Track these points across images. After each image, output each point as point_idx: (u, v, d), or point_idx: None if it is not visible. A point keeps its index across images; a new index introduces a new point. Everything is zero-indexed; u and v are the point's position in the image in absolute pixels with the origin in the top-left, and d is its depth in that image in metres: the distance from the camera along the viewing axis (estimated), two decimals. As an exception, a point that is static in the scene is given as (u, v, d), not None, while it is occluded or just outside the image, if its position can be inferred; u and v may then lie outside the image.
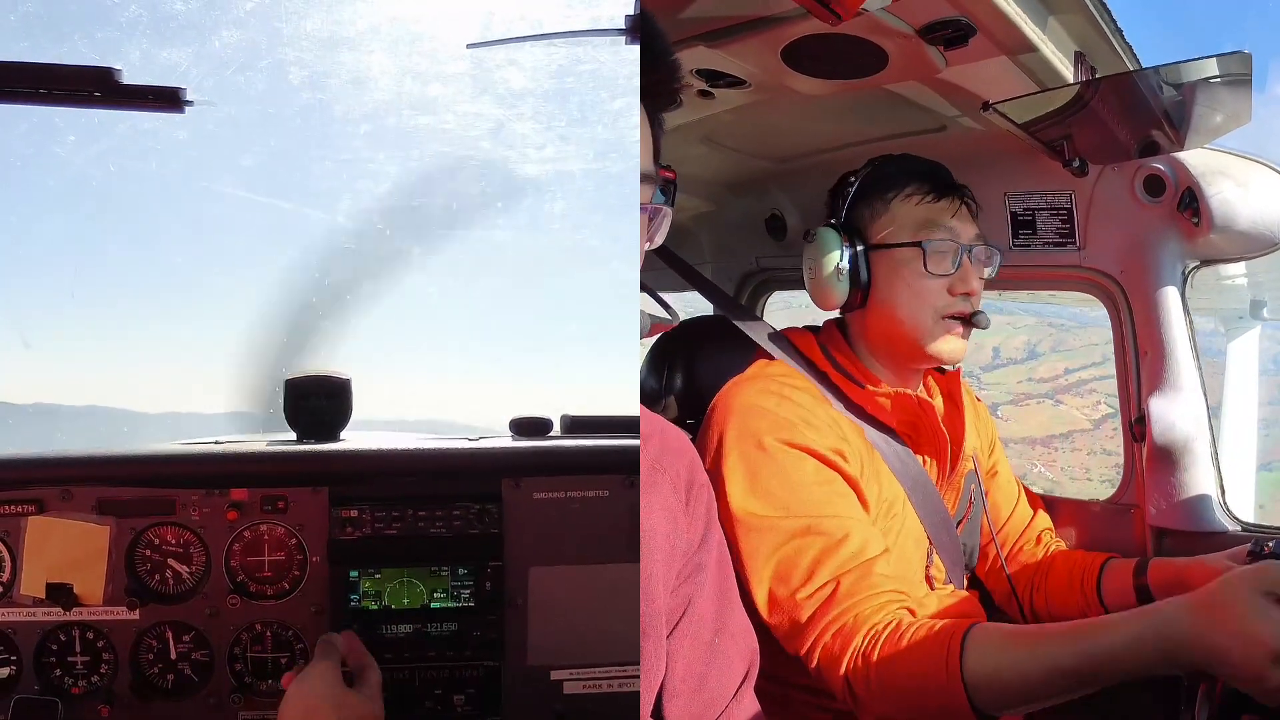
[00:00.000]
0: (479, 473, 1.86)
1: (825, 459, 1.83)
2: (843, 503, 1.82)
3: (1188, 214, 2.03)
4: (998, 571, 2.22)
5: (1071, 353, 12.14)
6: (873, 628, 1.68)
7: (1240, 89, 1.71)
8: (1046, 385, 15.98)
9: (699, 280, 2.43)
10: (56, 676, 1.78)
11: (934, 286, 1.93)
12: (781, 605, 1.75)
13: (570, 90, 2.40)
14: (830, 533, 1.76)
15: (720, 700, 1.36)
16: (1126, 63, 1.87)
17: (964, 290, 1.94)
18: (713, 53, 1.88)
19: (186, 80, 1.70)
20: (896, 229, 1.96)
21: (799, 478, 1.81)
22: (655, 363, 2.45)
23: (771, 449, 1.82)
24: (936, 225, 1.94)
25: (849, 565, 1.73)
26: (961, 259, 1.94)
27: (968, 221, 1.98)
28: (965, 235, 1.96)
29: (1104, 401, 11.60)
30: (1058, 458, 13.41)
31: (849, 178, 2.04)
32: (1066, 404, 15.22)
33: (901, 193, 1.97)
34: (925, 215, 1.95)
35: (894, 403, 1.95)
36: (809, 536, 1.76)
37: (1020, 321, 16.61)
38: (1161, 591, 2.01)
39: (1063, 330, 12.42)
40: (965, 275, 1.94)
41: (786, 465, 1.81)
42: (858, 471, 1.87)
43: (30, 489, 1.76)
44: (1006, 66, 1.81)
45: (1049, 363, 11.69)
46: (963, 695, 1.54)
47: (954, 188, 1.99)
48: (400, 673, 1.82)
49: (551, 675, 1.86)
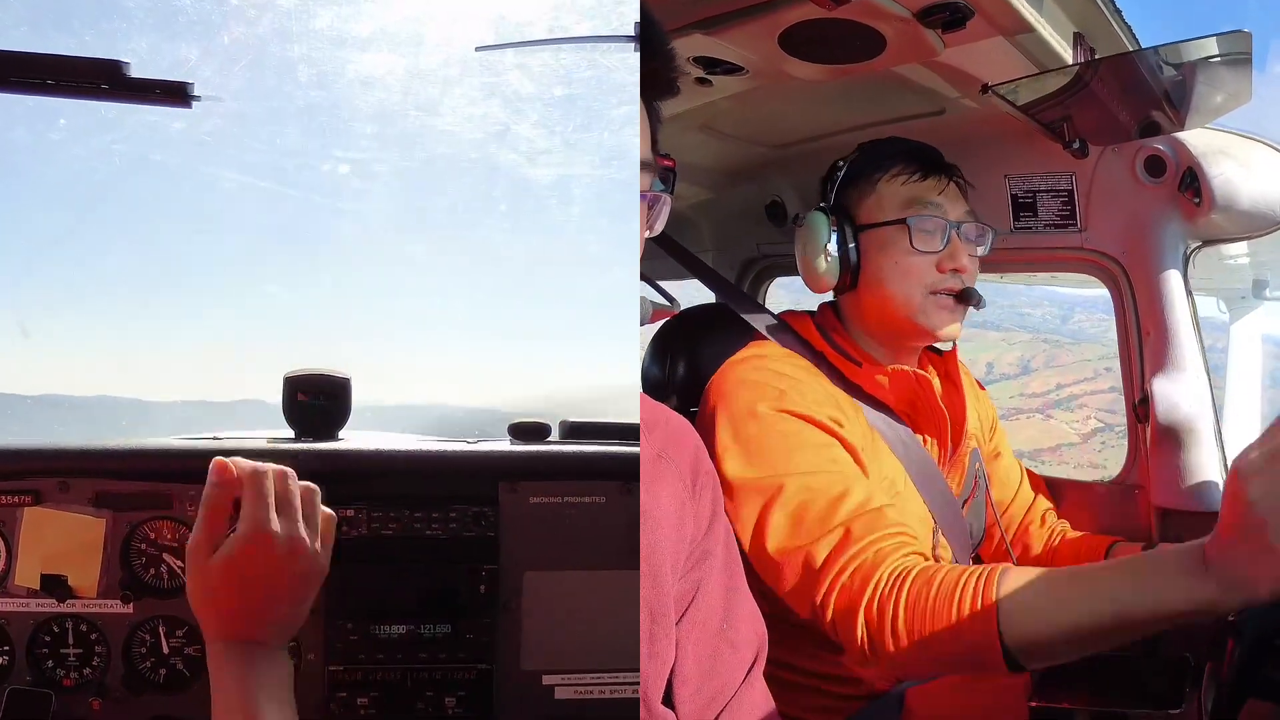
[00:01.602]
0: (476, 476, 1.86)
1: (822, 424, 1.82)
2: (843, 461, 1.81)
3: (1189, 194, 2.02)
4: (1003, 553, 2.21)
5: (1064, 368, 12.23)
6: (895, 570, 1.62)
7: (1240, 68, 1.70)
8: (1038, 400, 16.03)
9: (700, 268, 2.43)
10: (49, 668, 1.79)
11: (922, 263, 1.92)
12: (791, 558, 1.71)
13: (578, 95, 2.40)
14: (831, 487, 1.74)
15: (730, 686, 1.36)
16: (1126, 43, 1.86)
17: (953, 266, 1.93)
18: (710, 40, 1.87)
19: (194, 75, 1.71)
20: (883, 209, 1.95)
21: (796, 441, 1.79)
22: (658, 352, 2.46)
23: (766, 416, 1.81)
24: (923, 203, 1.93)
25: (858, 512, 1.70)
26: (950, 236, 1.93)
27: (956, 199, 1.97)
28: (953, 212, 1.95)
29: (1094, 416, 11.65)
30: (1043, 471, 13.57)
31: (838, 163, 2.04)
32: (1056, 418, 15.28)
33: (888, 173, 1.97)
34: (911, 193, 1.94)
35: (892, 380, 1.95)
36: (812, 493, 1.73)
37: (1015, 337, 16.67)
38: None
39: (1056, 346, 12.53)
40: (954, 252, 1.93)
41: (782, 429, 1.80)
42: (857, 443, 1.86)
43: (28, 480, 1.76)
44: (1005, 49, 1.80)
45: (1042, 377, 11.77)
46: (997, 642, 1.46)
47: (941, 166, 1.99)
48: (393, 673, 1.83)
49: (544, 680, 1.86)
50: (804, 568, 1.70)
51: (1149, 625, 1.35)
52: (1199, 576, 1.26)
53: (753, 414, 1.82)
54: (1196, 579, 1.26)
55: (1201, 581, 1.26)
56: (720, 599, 1.37)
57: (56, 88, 1.65)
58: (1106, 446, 9.38)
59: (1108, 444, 10.17)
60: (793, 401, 1.83)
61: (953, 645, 1.53)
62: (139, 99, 1.69)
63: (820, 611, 1.68)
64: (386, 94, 2.43)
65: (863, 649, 1.63)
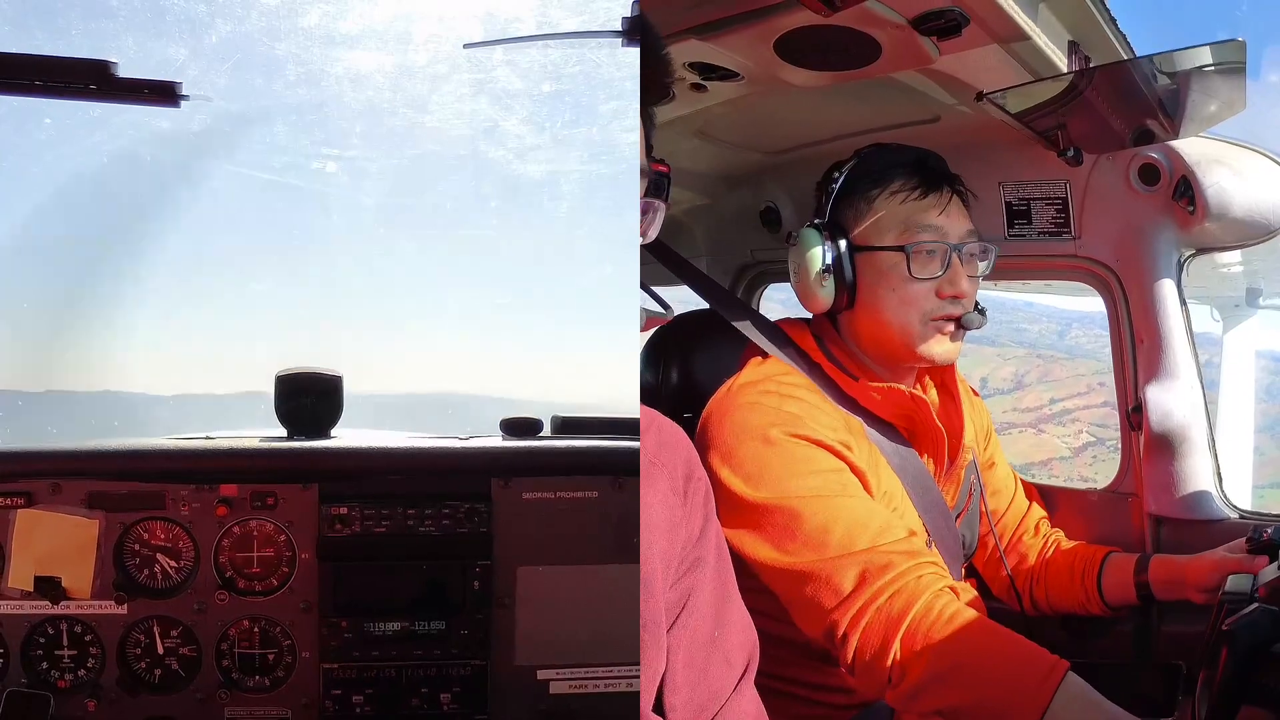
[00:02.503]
0: (469, 472, 1.87)
1: (834, 450, 1.81)
2: (854, 486, 1.81)
3: (1183, 202, 2.03)
4: (997, 561, 2.21)
5: (1058, 383, 12.28)
6: (945, 605, 1.64)
7: (1235, 77, 1.70)
8: (1030, 415, 16.08)
9: (692, 274, 2.42)
10: (44, 670, 1.78)
11: (921, 290, 1.88)
12: (811, 579, 1.70)
13: (565, 91, 2.40)
14: (852, 511, 1.74)
15: (721, 694, 1.36)
16: (1120, 51, 1.86)
17: (952, 293, 1.89)
18: (705, 45, 1.87)
19: (182, 74, 1.71)
20: (880, 230, 1.90)
21: (809, 466, 1.78)
22: (651, 358, 2.45)
23: (779, 441, 1.79)
24: (922, 226, 1.88)
25: (883, 537, 1.71)
26: (950, 259, 1.88)
27: (958, 217, 1.92)
28: (954, 233, 1.90)
29: (1086, 430, 11.71)
30: (1034, 483, 13.68)
31: (834, 172, 1.98)
32: (1048, 433, 15.33)
33: (886, 189, 1.91)
34: (910, 214, 1.89)
35: (887, 397, 1.93)
36: (832, 515, 1.73)
37: (1010, 353, 16.71)
38: (1162, 589, 2.01)
39: (1050, 361, 12.58)
40: (954, 277, 1.89)
41: (796, 455, 1.78)
42: (863, 465, 1.86)
43: (20, 481, 1.76)
44: (1000, 56, 1.80)
45: (1035, 393, 11.81)
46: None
47: (943, 178, 1.93)
48: (388, 670, 1.82)
49: (538, 675, 1.86)
50: (827, 588, 1.69)
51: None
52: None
53: (766, 439, 1.79)
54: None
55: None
56: (712, 607, 1.37)
57: (45, 89, 1.65)
58: (1098, 460, 9.46)
59: (1099, 458, 10.25)
60: (807, 427, 1.81)
61: (992, 698, 1.57)
62: (127, 99, 1.69)
63: (845, 630, 1.68)
64: (375, 92, 2.43)
65: (890, 670, 1.64)
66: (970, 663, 1.61)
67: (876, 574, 1.67)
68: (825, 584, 1.70)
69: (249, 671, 1.83)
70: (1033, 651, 1.60)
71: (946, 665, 1.61)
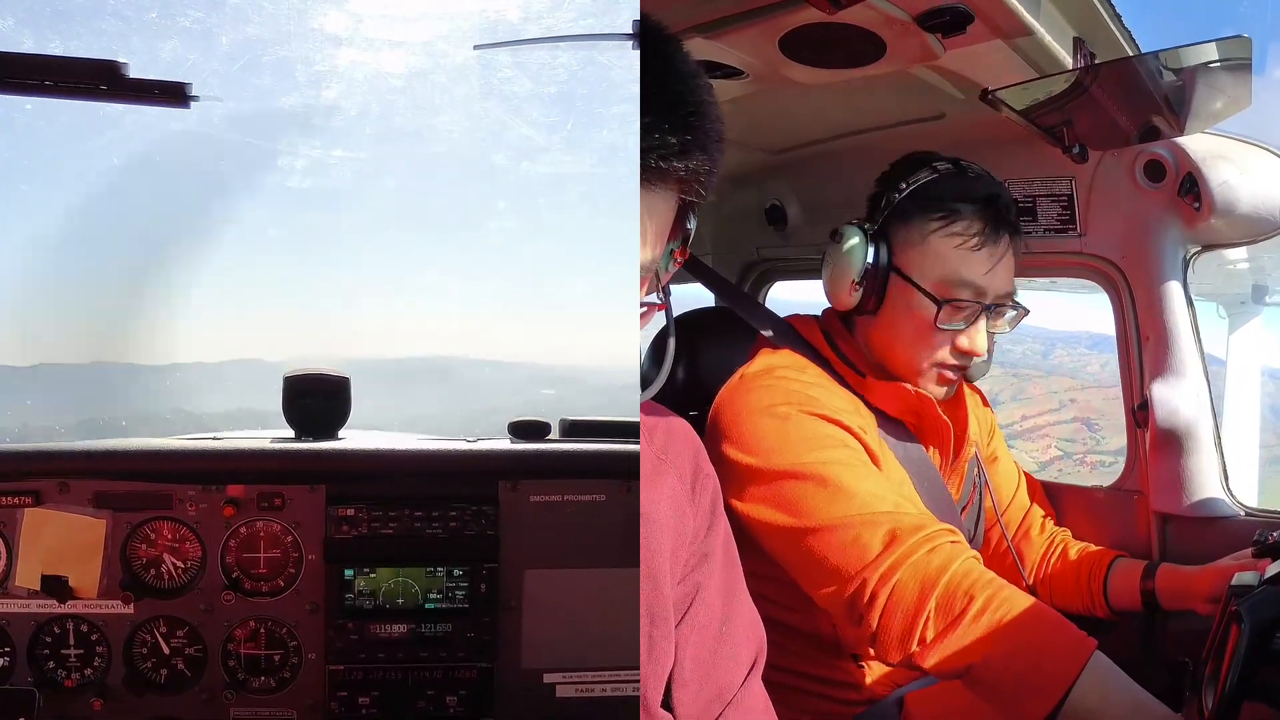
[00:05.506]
0: (476, 474, 1.87)
1: (849, 428, 1.81)
2: (871, 467, 1.80)
3: (1189, 199, 2.02)
4: (1001, 554, 2.21)
5: (1030, 401, 12.31)
6: (986, 577, 1.63)
7: (1240, 73, 1.70)
8: (1002, 432, 16.11)
9: (700, 270, 2.42)
10: (50, 668, 1.79)
11: (939, 339, 1.88)
12: (839, 535, 1.67)
13: (575, 94, 2.40)
14: (874, 480, 1.74)
15: (729, 688, 1.36)
16: (1125, 47, 1.86)
17: (969, 349, 1.89)
18: (710, 43, 1.87)
19: (192, 75, 1.72)
20: (924, 268, 1.87)
21: (826, 440, 1.77)
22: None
23: (794, 416, 1.78)
24: (963, 283, 1.85)
25: (902, 508, 1.71)
26: (979, 317, 1.88)
27: (1004, 276, 1.88)
28: (993, 292, 1.87)
29: (1054, 445, 11.78)
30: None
31: (900, 180, 1.92)
32: (1017, 448, 15.29)
33: (945, 226, 1.86)
34: (957, 267, 1.85)
35: (892, 394, 1.93)
36: (854, 475, 1.72)
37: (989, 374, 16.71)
38: (1169, 599, 2.01)
39: (1024, 380, 12.60)
40: (974, 334, 1.88)
41: (812, 429, 1.78)
42: (875, 451, 1.86)
43: (28, 481, 1.77)
44: (1005, 53, 1.80)
45: (1007, 410, 11.80)
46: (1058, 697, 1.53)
47: (1005, 224, 1.87)
48: (394, 672, 1.82)
49: (545, 678, 1.86)
50: (854, 546, 1.67)
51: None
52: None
53: (781, 415, 1.79)
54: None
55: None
56: (720, 602, 1.37)
57: (55, 89, 1.66)
58: (1063, 474, 9.58)
59: (1064, 471, 10.47)
60: (822, 405, 1.81)
61: (1017, 672, 1.57)
62: (138, 99, 1.70)
63: (875, 588, 1.64)
64: (386, 93, 2.44)
65: (922, 627, 1.61)
66: (1008, 626, 1.58)
67: (909, 533, 1.65)
68: (852, 543, 1.67)
69: (255, 672, 1.83)
70: (1066, 624, 1.60)
71: (983, 625, 1.58)
